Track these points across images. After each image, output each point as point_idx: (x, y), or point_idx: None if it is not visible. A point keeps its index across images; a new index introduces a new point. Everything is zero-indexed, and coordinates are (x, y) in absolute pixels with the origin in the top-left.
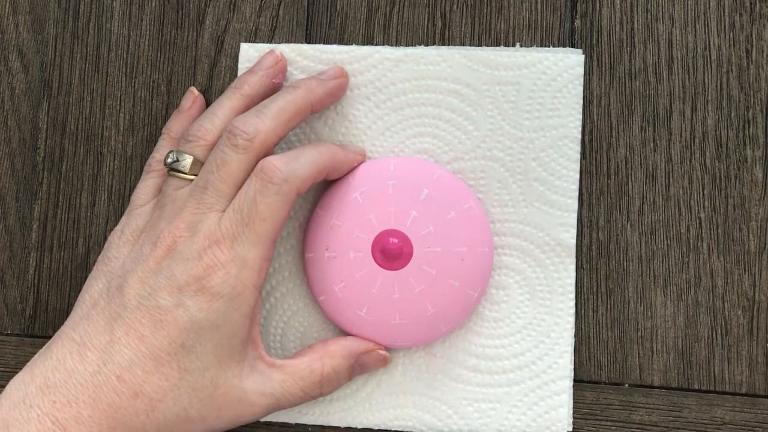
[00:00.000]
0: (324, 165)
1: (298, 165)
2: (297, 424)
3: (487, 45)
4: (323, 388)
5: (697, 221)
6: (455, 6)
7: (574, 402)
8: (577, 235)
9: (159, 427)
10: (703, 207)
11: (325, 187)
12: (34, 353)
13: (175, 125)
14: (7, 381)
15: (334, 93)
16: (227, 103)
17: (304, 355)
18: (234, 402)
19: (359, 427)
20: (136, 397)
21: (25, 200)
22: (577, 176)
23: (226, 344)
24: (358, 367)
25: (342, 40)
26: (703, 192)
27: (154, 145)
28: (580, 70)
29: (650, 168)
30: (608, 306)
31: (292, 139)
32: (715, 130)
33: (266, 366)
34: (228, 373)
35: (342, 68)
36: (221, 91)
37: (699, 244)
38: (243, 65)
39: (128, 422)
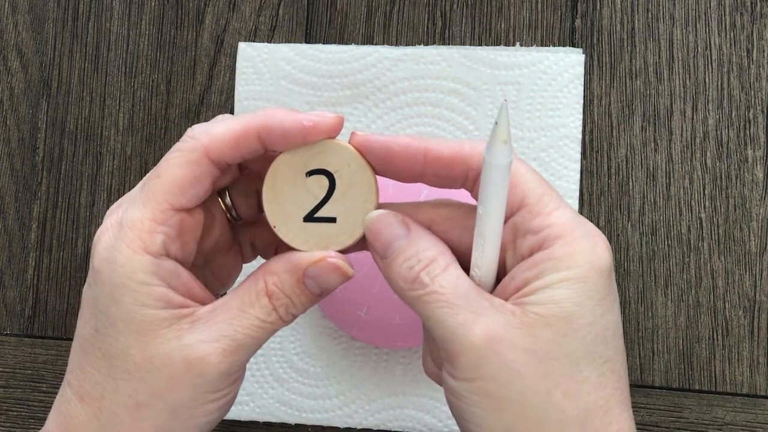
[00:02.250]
0: (252, 125)
1: (215, 125)
2: (297, 425)
3: (487, 44)
4: (278, 310)
5: (698, 221)
6: (455, 5)
7: None
8: None
9: (118, 428)
10: (704, 207)
11: None
12: (34, 353)
13: None
14: (7, 381)
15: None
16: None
17: (245, 281)
18: (182, 365)
19: (359, 427)
20: (82, 400)
21: (24, 200)
22: (578, 176)
23: (138, 315)
24: (311, 282)
25: (342, 40)
26: (704, 192)
27: (154, 145)
28: (581, 70)
29: (651, 168)
30: None
31: None
32: (716, 130)
33: (207, 312)
34: (158, 340)
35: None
36: (221, 91)
37: (700, 244)
38: (241, 65)
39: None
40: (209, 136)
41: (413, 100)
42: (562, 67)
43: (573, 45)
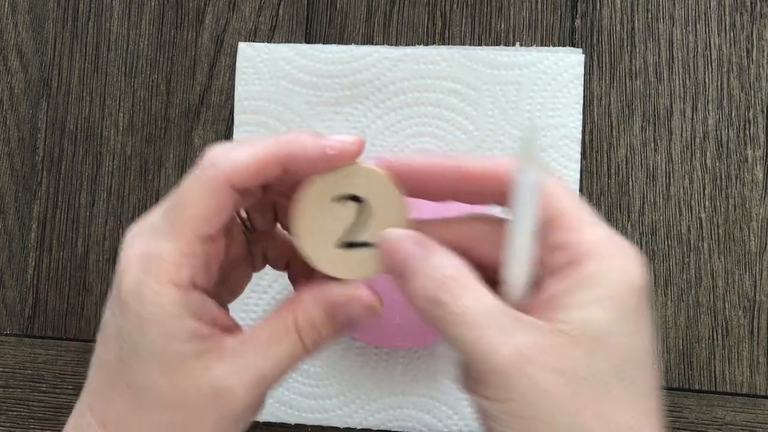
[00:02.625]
0: (274, 152)
1: (237, 152)
2: (297, 425)
3: (487, 44)
4: (307, 343)
5: (698, 221)
6: (455, 5)
7: None
8: None
9: None
10: (704, 207)
11: None
12: (34, 353)
13: None
14: (7, 381)
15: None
16: None
17: (275, 313)
18: (210, 398)
19: (359, 427)
20: (104, 427)
21: (24, 200)
22: (578, 176)
23: (167, 349)
24: (343, 318)
25: (342, 40)
26: (704, 192)
27: (153, 144)
28: (581, 70)
29: (651, 168)
30: None
31: None
32: (716, 130)
33: (236, 343)
34: (186, 373)
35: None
36: (221, 91)
37: (699, 244)
38: (241, 65)
39: None
40: (231, 163)
41: (413, 100)
42: (562, 67)
43: (573, 45)
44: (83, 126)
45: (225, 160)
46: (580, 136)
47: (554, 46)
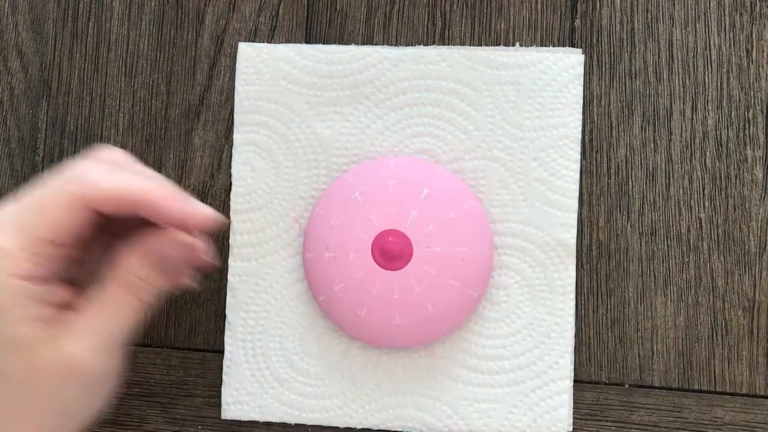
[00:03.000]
0: (137, 194)
1: (104, 176)
2: (297, 425)
3: (487, 45)
4: (142, 298)
5: (698, 221)
6: (455, 5)
7: (574, 402)
8: (578, 235)
9: None
10: (704, 207)
11: (324, 187)
12: None
13: None
14: None
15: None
16: None
17: (107, 278)
18: (64, 370)
19: (359, 427)
20: None
21: None
22: (578, 176)
23: (12, 333)
24: (168, 264)
25: (342, 40)
26: (704, 192)
27: (153, 145)
28: (580, 70)
29: (650, 168)
30: (608, 306)
31: (291, 138)
32: (716, 130)
33: (80, 318)
34: (35, 353)
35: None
36: (221, 91)
37: (699, 245)
38: (241, 65)
39: None
40: (94, 186)
41: (413, 101)
42: (562, 67)
43: (572, 45)
44: (83, 126)
45: (90, 181)
46: (579, 136)
47: (554, 46)
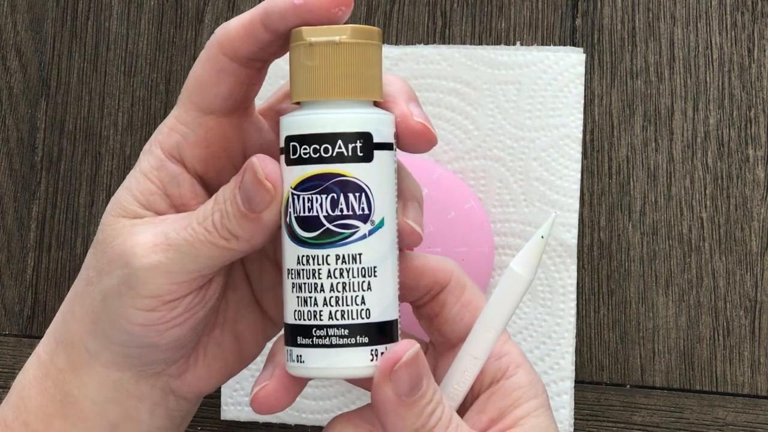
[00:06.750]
0: (257, 14)
1: (230, 21)
2: (297, 425)
3: (487, 44)
4: (214, 216)
5: (699, 221)
6: (456, 4)
7: (575, 403)
8: (579, 235)
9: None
10: (705, 207)
11: None
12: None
13: None
14: (6, 381)
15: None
16: None
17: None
18: (118, 251)
19: None
20: (66, 302)
21: (23, 200)
22: (578, 176)
23: (124, 205)
24: (243, 198)
25: None
26: (705, 192)
27: None
28: (581, 69)
29: (652, 168)
30: (610, 306)
31: None
32: (717, 130)
33: (163, 217)
34: (118, 231)
35: None
36: None
37: (701, 245)
38: None
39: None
40: (223, 31)
41: None
42: (563, 67)
43: (573, 44)
44: (82, 126)
45: (219, 31)
46: (580, 136)
47: (555, 45)
